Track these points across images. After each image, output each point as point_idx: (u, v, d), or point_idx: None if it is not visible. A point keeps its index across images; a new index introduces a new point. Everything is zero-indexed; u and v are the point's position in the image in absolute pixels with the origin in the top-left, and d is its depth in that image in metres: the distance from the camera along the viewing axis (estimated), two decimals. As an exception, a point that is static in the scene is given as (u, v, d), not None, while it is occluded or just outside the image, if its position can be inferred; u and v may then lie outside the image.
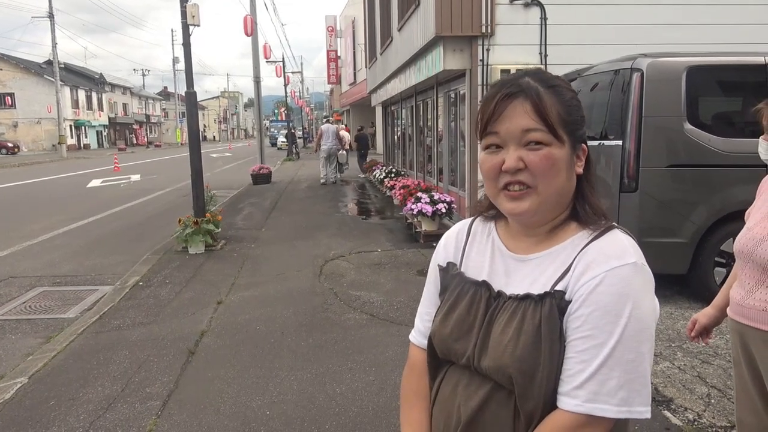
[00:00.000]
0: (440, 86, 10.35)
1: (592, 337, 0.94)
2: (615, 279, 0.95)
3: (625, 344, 0.93)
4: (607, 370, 0.93)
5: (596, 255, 0.98)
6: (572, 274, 0.99)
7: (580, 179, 1.06)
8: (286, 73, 33.50)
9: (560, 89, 1.02)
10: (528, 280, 1.04)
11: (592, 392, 0.93)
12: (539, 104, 0.98)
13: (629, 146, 4.56)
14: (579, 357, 0.95)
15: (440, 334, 1.11)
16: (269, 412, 3.19)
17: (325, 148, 15.67)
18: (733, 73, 4.88)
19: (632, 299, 0.94)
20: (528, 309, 1.00)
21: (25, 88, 49.52)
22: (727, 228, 4.50)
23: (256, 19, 17.78)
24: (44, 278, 6.46)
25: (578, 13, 7.91)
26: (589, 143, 1.08)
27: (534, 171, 0.98)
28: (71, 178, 20.80)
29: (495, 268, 1.10)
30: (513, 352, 0.98)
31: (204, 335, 4.39)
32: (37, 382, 3.66)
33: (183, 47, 7.77)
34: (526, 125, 0.98)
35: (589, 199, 1.06)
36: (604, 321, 0.94)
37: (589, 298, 0.95)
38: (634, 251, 0.99)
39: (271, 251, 7.32)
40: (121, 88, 67.83)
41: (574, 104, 1.03)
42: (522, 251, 1.08)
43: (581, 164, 1.05)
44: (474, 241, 1.17)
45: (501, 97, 1.00)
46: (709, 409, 3.07)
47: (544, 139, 0.98)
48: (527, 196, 1.00)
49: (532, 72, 1.05)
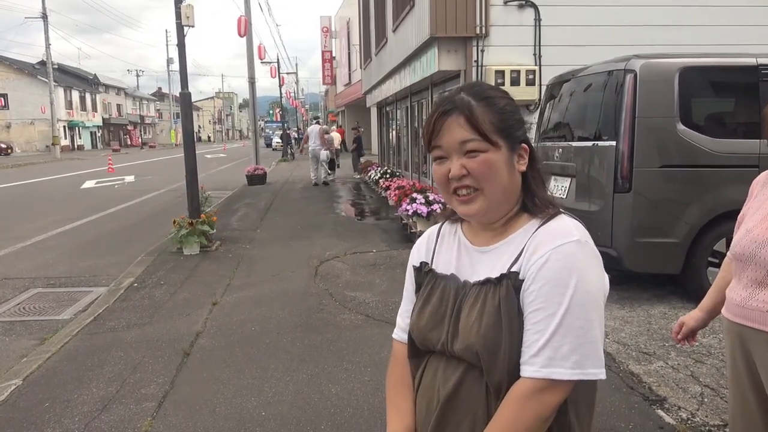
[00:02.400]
0: (435, 87, 10.36)
1: (543, 309, 1.05)
2: (560, 255, 1.05)
3: (574, 312, 1.03)
4: (559, 337, 1.03)
5: (543, 236, 1.09)
6: (524, 256, 1.10)
7: (526, 175, 1.17)
8: (281, 73, 33.48)
9: (492, 99, 1.13)
10: (488, 267, 1.15)
11: (547, 358, 1.03)
12: (471, 117, 1.09)
13: (623, 147, 4.58)
14: (534, 328, 1.05)
15: (417, 327, 1.21)
16: (265, 412, 3.19)
17: (310, 150, 15.93)
18: (725, 75, 4.91)
19: (577, 272, 1.04)
20: (489, 292, 1.11)
21: (18, 89, 49.28)
22: (720, 228, 4.53)
23: (250, 20, 17.76)
24: (38, 280, 6.43)
25: (572, 14, 7.95)
26: (583, 144, 1.14)
27: (476, 176, 1.10)
28: (65, 179, 20.72)
29: (461, 261, 1.21)
30: (478, 331, 1.08)
31: (199, 336, 4.39)
32: (32, 383, 3.65)
33: (177, 48, 7.76)
34: (462, 137, 1.10)
35: (536, 191, 1.16)
36: (553, 293, 1.04)
37: (538, 275, 1.06)
38: (578, 231, 1.10)
39: (266, 252, 7.32)
40: (115, 88, 67.59)
41: (508, 110, 1.14)
42: (483, 244, 1.19)
43: (524, 162, 1.15)
44: (443, 242, 1.28)
45: (438, 115, 1.12)
46: (702, 408, 3.09)
47: (479, 147, 1.09)
48: (476, 199, 1.12)
49: (468, 86, 1.16)
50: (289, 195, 13.82)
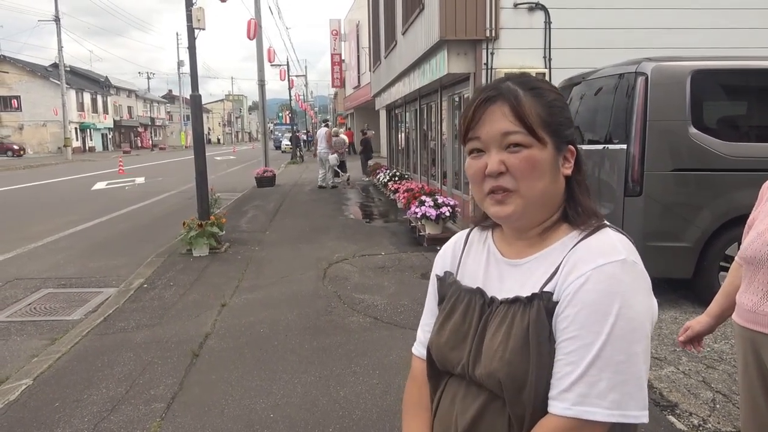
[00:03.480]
0: (444, 90, 10.36)
1: (579, 338, 0.92)
2: (602, 276, 0.92)
3: (614, 344, 0.90)
4: (595, 371, 0.90)
5: (584, 253, 0.96)
6: (560, 275, 0.97)
7: (570, 181, 1.04)
8: (291, 76, 33.59)
9: (541, 91, 1.02)
10: (519, 283, 1.03)
11: (580, 395, 0.90)
12: (517, 107, 0.98)
13: (634, 150, 4.55)
14: (567, 359, 0.92)
15: (437, 344, 1.10)
16: (273, 414, 3.20)
17: (318, 153, 16.27)
18: (738, 78, 4.87)
19: (620, 297, 0.91)
20: (517, 312, 0.99)
21: (30, 91, 49.74)
22: (731, 232, 4.49)
23: (260, 23, 17.84)
24: (49, 280, 6.48)
25: (582, 17, 7.91)
26: (593, 147, 1.07)
27: (515, 173, 0.98)
28: (76, 180, 20.89)
29: (489, 274, 1.09)
30: (502, 356, 0.96)
31: (208, 337, 4.40)
32: (42, 383, 3.67)
33: (188, 50, 7.81)
34: (505, 128, 0.98)
35: (579, 200, 1.04)
36: (591, 320, 0.91)
37: (575, 298, 0.93)
38: (624, 248, 0.96)
39: (275, 254, 7.33)
40: (126, 91, 68.08)
41: (557, 105, 1.02)
42: (515, 256, 1.07)
43: (569, 166, 1.04)
44: (470, 250, 1.16)
45: (480, 102, 1.00)
46: (714, 414, 3.06)
47: (523, 141, 0.97)
48: (510, 199, 0.99)
49: (515, 76, 1.04)
50: (298, 197, 13.85)
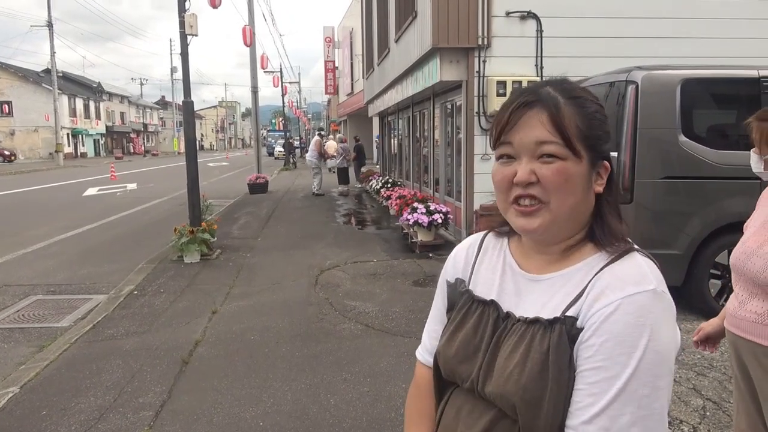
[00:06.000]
0: (437, 97, 10.39)
1: (604, 369, 0.87)
2: (631, 307, 0.88)
3: (640, 378, 0.86)
4: (619, 405, 0.86)
5: (612, 280, 0.92)
6: (585, 300, 0.92)
7: (600, 198, 0.99)
8: (284, 83, 33.62)
9: (583, 101, 0.96)
10: (539, 302, 0.98)
11: (602, 428, 0.86)
12: (556, 115, 0.93)
13: (624, 158, 4.58)
14: (589, 389, 0.88)
15: (445, 355, 1.06)
16: (263, 423, 3.17)
17: (307, 160, 16.92)
18: (727, 86, 4.92)
19: (649, 329, 0.87)
20: (536, 334, 0.94)
21: (22, 96, 49.50)
22: (721, 240, 4.52)
23: (254, 30, 17.86)
24: (38, 287, 6.42)
25: (574, 25, 7.97)
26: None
27: (546, 185, 0.92)
28: (67, 186, 20.77)
29: (505, 286, 1.04)
30: (518, 380, 0.92)
31: (198, 345, 4.37)
32: (29, 391, 3.63)
33: (181, 57, 7.79)
34: (540, 137, 0.92)
35: (608, 220, 0.98)
36: (617, 352, 0.87)
37: (602, 327, 0.88)
38: (654, 277, 0.92)
39: (266, 261, 7.31)
40: (118, 96, 67.88)
41: (597, 118, 0.97)
42: (534, 270, 1.02)
43: (602, 183, 0.98)
44: (485, 257, 1.11)
45: (516, 106, 0.95)
46: (704, 421, 3.07)
47: (559, 153, 0.92)
48: (539, 213, 0.94)
49: (556, 81, 0.99)
50: (291, 204, 13.82)
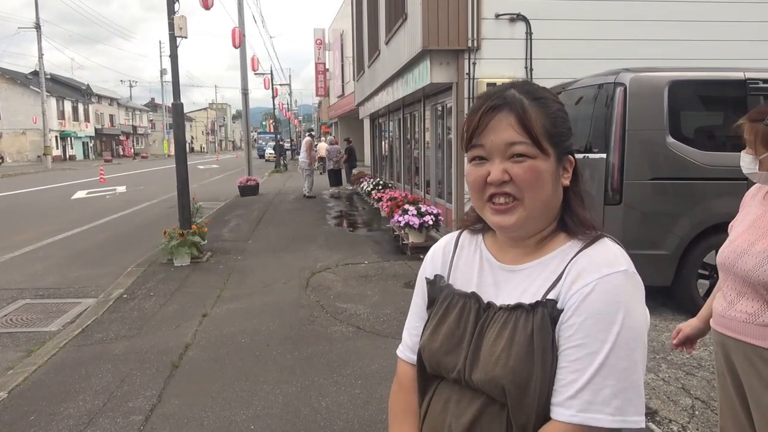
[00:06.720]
0: (427, 99, 10.42)
1: (584, 346, 0.93)
2: (607, 286, 0.94)
3: (618, 352, 0.92)
4: (600, 378, 0.92)
5: (587, 263, 0.98)
6: (564, 282, 0.98)
7: (567, 191, 1.06)
8: (274, 85, 33.52)
9: (546, 101, 1.03)
10: (518, 290, 1.03)
11: (586, 402, 0.92)
12: (523, 117, 0.98)
13: (613, 159, 4.62)
14: (572, 366, 0.94)
15: (429, 348, 1.09)
16: (254, 426, 3.16)
17: (299, 162, 16.88)
18: (714, 88, 4.97)
19: (624, 306, 0.93)
20: (519, 319, 0.99)
21: (10, 99, 49.04)
22: (709, 240, 4.56)
23: (244, 32, 17.82)
24: (27, 290, 6.36)
25: (563, 28, 8.02)
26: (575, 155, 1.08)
27: (519, 183, 0.98)
28: (56, 189, 20.59)
29: (484, 279, 1.09)
30: (506, 363, 0.96)
31: (188, 348, 4.35)
32: (17, 396, 3.60)
33: (170, 59, 7.76)
34: (510, 138, 0.98)
35: (577, 210, 1.05)
36: (596, 329, 0.93)
37: (581, 306, 0.94)
38: (625, 259, 0.99)
39: (257, 263, 7.28)
40: (107, 99, 67.40)
41: (560, 116, 1.04)
42: (511, 262, 1.07)
43: (568, 176, 1.05)
44: (462, 253, 1.15)
45: (486, 110, 1.00)
46: (693, 420, 3.09)
47: (528, 152, 0.98)
48: (514, 210, 1.00)
49: (519, 84, 1.05)
50: (282, 206, 13.79)
